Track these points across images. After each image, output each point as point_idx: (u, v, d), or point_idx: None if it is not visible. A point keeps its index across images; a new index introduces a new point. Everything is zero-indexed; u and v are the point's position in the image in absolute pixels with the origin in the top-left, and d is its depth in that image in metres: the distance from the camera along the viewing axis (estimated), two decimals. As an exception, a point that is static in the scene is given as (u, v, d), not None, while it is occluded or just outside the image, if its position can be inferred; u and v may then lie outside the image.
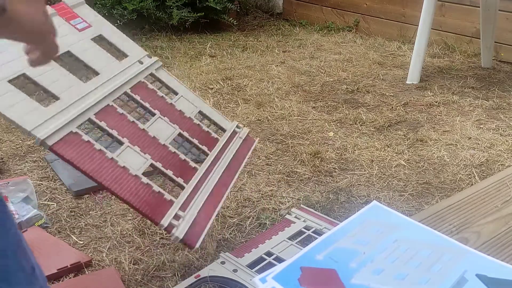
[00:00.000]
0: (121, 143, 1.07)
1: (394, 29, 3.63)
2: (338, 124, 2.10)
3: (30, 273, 0.53)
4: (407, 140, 1.94)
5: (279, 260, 1.18)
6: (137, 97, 1.20)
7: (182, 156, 1.15)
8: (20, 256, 0.52)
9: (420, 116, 2.19)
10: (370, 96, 2.45)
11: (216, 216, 1.42)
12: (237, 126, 1.39)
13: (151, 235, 1.36)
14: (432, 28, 2.63)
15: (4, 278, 0.49)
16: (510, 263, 0.86)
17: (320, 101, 2.37)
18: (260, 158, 1.79)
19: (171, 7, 3.40)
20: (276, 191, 1.56)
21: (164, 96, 1.27)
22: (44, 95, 1.06)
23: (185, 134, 1.22)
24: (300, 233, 1.30)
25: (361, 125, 2.08)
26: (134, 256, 1.25)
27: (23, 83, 1.02)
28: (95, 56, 1.21)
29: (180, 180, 1.10)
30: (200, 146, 1.23)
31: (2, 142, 1.88)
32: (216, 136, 1.29)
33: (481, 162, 1.76)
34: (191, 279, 1.13)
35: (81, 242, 1.33)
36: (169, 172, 1.10)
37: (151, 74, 1.30)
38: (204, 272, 1.14)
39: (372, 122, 2.11)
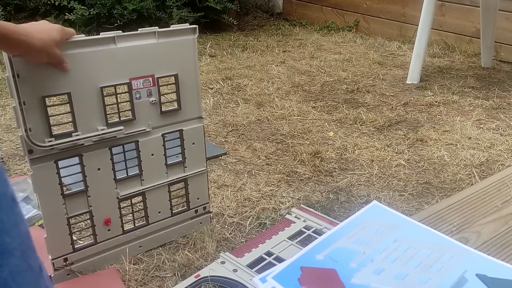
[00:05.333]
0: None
1: (394, 29, 3.63)
2: (338, 124, 2.10)
3: (37, 273, 0.54)
4: (407, 140, 1.94)
5: (279, 260, 1.18)
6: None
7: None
8: (29, 256, 0.52)
9: (420, 116, 2.19)
10: (370, 96, 2.45)
11: (216, 215, 1.42)
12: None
13: (151, 235, 1.36)
14: (432, 28, 2.63)
15: (12, 278, 0.49)
16: (510, 263, 0.86)
17: (320, 101, 2.37)
18: (260, 158, 1.79)
19: (171, 7, 3.40)
20: (276, 191, 1.56)
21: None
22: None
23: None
24: (300, 233, 1.30)
25: (361, 125, 2.08)
26: (134, 256, 1.25)
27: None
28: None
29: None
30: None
31: (2, 142, 1.88)
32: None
33: (481, 162, 1.76)
34: (191, 279, 1.13)
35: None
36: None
37: None
38: (204, 272, 1.14)
39: (372, 122, 2.11)
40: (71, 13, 3.26)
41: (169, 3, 3.40)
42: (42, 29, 0.96)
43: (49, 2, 3.28)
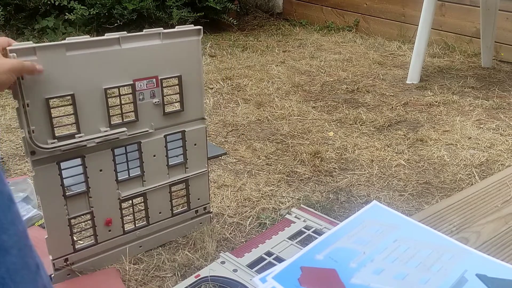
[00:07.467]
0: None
1: (394, 29, 3.63)
2: (338, 124, 2.10)
3: (34, 271, 0.54)
4: (407, 140, 1.94)
5: (279, 260, 1.18)
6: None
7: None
8: (25, 254, 0.53)
9: (420, 116, 2.19)
10: (370, 96, 2.45)
11: (216, 215, 1.42)
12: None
13: (151, 235, 1.36)
14: (432, 28, 2.63)
15: (9, 275, 0.50)
16: (510, 263, 0.86)
17: (320, 101, 2.37)
18: (260, 158, 1.79)
19: (171, 7, 3.40)
20: (276, 191, 1.56)
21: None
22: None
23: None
24: (300, 233, 1.30)
25: (361, 125, 2.08)
26: (134, 256, 1.25)
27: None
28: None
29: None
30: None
31: (2, 142, 1.88)
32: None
33: (481, 162, 1.76)
34: (191, 279, 1.13)
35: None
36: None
37: None
38: (204, 272, 1.14)
39: (372, 122, 2.11)
40: (71, 13, 3.26)
41: (169, 3, 3.40)
42: None
43: (49, 2, 3.28)
